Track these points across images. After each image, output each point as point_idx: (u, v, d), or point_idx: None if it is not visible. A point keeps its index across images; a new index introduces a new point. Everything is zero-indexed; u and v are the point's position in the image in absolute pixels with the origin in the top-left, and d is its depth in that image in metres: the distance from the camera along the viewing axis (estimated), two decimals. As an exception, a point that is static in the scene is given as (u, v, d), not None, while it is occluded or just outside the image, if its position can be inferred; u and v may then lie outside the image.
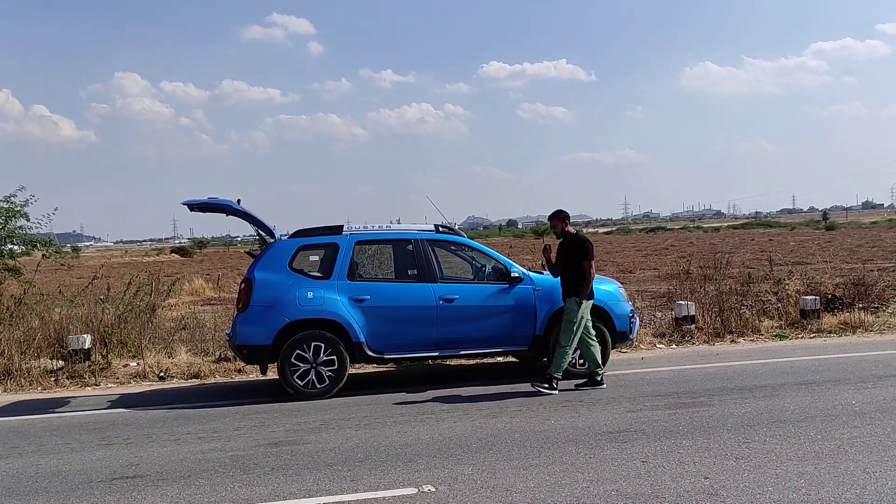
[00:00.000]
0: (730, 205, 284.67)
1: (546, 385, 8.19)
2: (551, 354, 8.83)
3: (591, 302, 8.38)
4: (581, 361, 8.83)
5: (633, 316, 9.39)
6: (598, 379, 8.42)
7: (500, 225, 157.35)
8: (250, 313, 8.44)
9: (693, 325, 11.92)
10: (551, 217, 8.70)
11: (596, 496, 4.74)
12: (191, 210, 9.06)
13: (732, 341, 11.64)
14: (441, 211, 10.71)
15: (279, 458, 5.96)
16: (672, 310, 12.57)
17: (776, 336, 11.89)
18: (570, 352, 8.29)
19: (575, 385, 8.40)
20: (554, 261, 8.76)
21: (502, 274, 9.00)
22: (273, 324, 8.33)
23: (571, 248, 8.40)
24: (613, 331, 9.06)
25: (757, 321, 12.35)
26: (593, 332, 8.45)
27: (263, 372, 8.98)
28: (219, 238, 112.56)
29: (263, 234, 9.18)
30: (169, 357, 10.95)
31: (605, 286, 9.44)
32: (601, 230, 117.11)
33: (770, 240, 48.93)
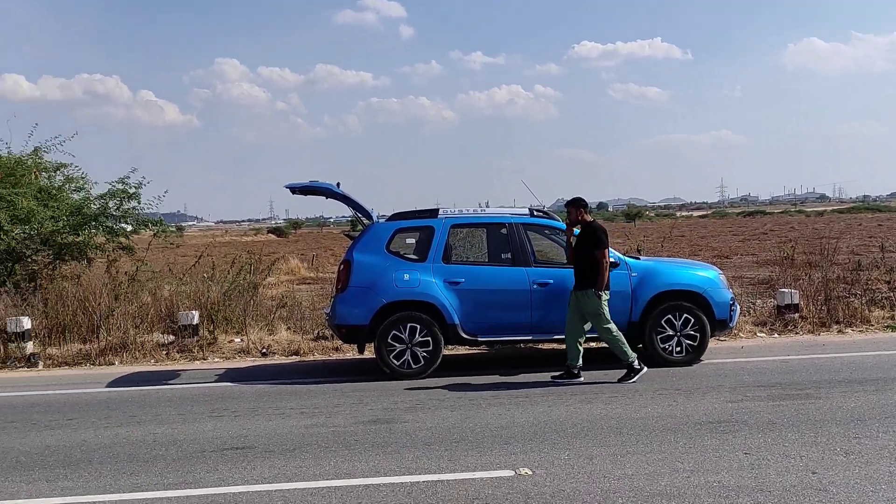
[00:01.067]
0: (835, 188, 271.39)
1: (627, 378, 8.02)
2: (647, 341, 8.74)
3: (608, 291, 8.11)
4: (678, 349, 8.69)
5: (733, 304, 9.13)
6: (575, 372, 8.10)
7: (591, 208, 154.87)
8: (349, 294, 8.67)
9: (797, 314, 11.48)
10: (567, 204, 8.43)
11: (697, 487, 4.68)
12: (293, 193, 9.36)
13: (839, 332, 11.15)
14: (535, 194, 10.69)
15: (378, 435, 6.14)
16: (773, 297, 12.14)
17: (887, 327, 11.32)
18: (619, 336, 8.08)
19: (551, 377, 8.14)
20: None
21: (598, 259, 8.90)
22: (370, 304, 8.54)
23: (584, 237, 8.16)
24: (713, 319, 8.84)
25: (866, 311, 11.77)
26: (587, 325, 8.16)
27: (361, 351, 9.22)
28: (312, 219, 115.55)
29: (361, 216, 9.38)
30: (270, 334, 11.38)
31: (704, 272, 9.22)
32: (695, 213, 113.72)
33: (879, 225, 46.36)
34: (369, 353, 9.16)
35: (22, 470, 5.47)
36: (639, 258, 9.58)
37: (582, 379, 8.10)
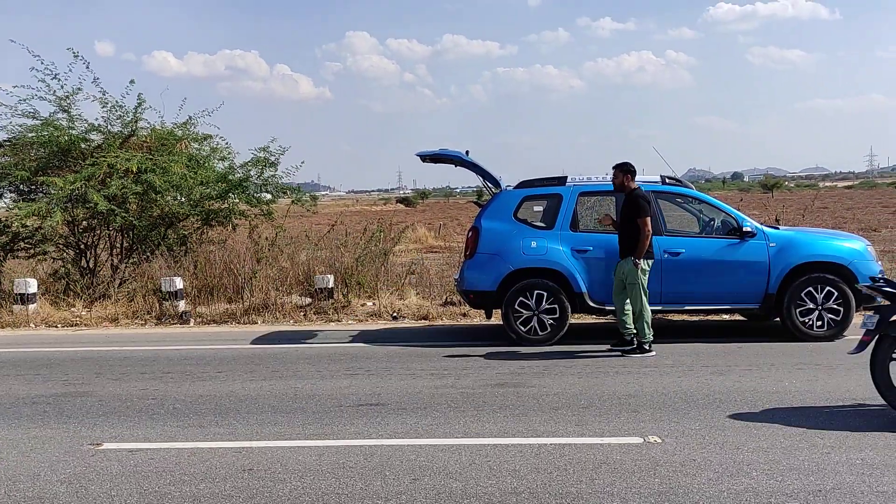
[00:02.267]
0: None
1: (631, 350, 7.85)
2: (785, 314, 8.39)
3: (651, 261, 7.86)
4: (819, 323, 8.31)
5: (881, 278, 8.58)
6: (629, 339, 7.88)
7: (724, 178, 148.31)
8: (477, 260, 8.81)
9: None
10: (615, 167, 8.12)
11: (838, 463, 4.51)
12: (423, 161, 9.58)
13: None
14: (668, 162, 10.39)
15: (506, 398, 6.26)
16: (930, 273, 11.28)
17: None
18: (647, 313, 7.83)
19: (621, 351, 7.93)
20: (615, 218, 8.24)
21: (733, 228, 8.63)
22: (498, 271, 8.64)
23: (627, 205, 7.91)
24: (858, 293, 8.36)
25: None
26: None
27: (488, 317, 9.36)
28: (439, 189, 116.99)
29: (490, 184, 9.47)
30: (400, 299, 11.75)
31: (850, 243, 8.72)
32: (840, 184, 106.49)
33: None
34: (496, 319, 9.29)
35: (178, 416, 5.97)
36: (777, 228, 9.16)
37: (654, 353, 7.82)
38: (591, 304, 8.61)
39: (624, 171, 8.09)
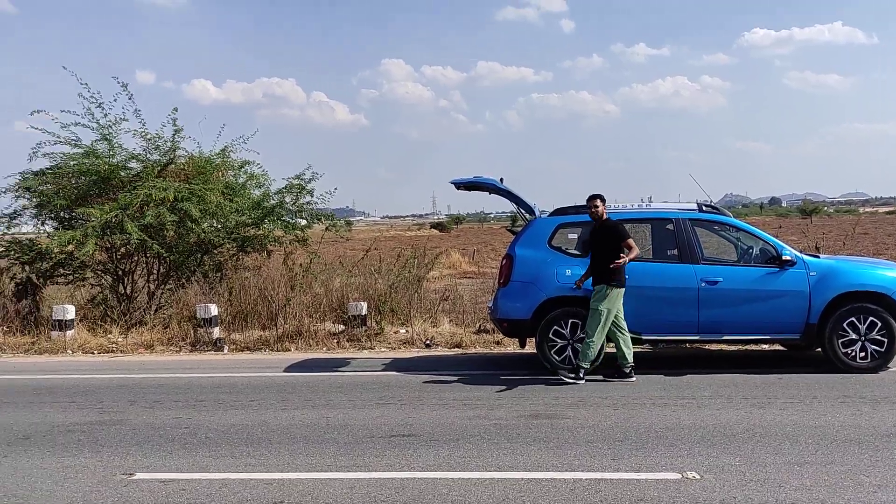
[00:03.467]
0: None
1: (572, 375, 7.97)
2: (827, 345, 8.18)
3: (622, 290, 7.99)
4: (862, 354, 8.09)
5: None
6: (627, 371, 8.08)
7: (762, 203, 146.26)
8: (511, 288, 8.73)
9: None
10: (595, 197, 8.29)
11: (885, 503, 4.33)
12: (457, 188, 9.57)
13: None
14: (704, 189, 10.26)
15: (539, 430, 6.15)
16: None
17: None
18: (598, 342, 7.98)
19: (602, 376, 8.10)
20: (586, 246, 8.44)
21: (772, 257, 8.47)
22: (532, 299, 8.56)
23: (604, 233, 8.10)
24: (903, 322, 8.12)
25: None
26: (623, 322, 8.16)
27: (522, 346, 9.27)
28: (473, 214, 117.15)
29: (524, 211, 9.42)
30: (433, 326, 11.70)
31: (892, 272, 8.49)
32: (882, 210, 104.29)
33: None
34: (530, 348, 9.18)
35: (210, 446, 5.96)
36: (818, 256, 8.97)
37: (634, 379, 8.02)
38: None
39: (603, 200, 8.34)
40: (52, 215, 12.87)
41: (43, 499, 4.79)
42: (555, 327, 8.47)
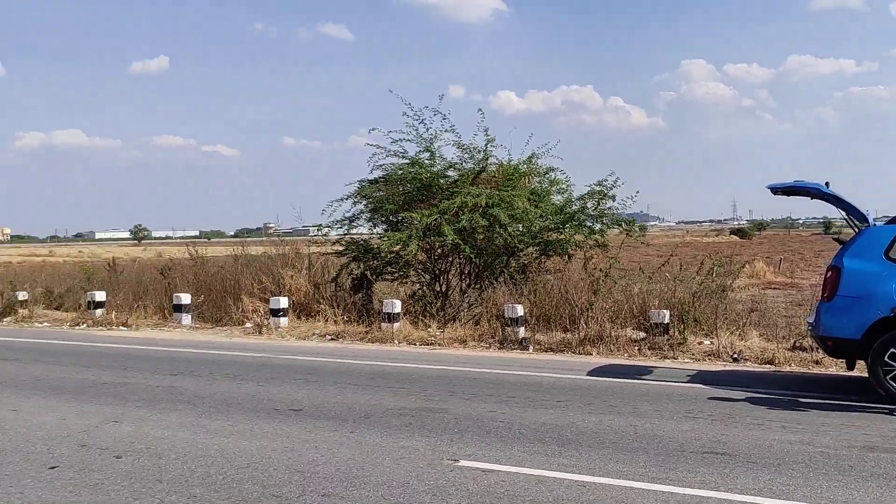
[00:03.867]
0: None
1: None
2: None
3: None
4: None
5: None
6: None
7: None
8: (837, 303, 8.00)
9: None
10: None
11: None
12: (774, 193, 9.00)
13: None
14: None
15: (878, 464, 5.57)
16: None
17: None
18: None
19: None
20: None
21: None
22: (864, 317, 7.76)
23: None
24: None
25: None
26: None
27: (850, 367, 8.45)
28: (778, 220, 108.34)
29: (854, 219, 8.56)
30: (741, 339, 11.10)
31: None
32: None
33: None
34: (860, 370, 8.34)
35: (524, 441, 6.28)
36: None
37: None
38: None
39: None
40: (383, 219, 14.45)
41: (384, 474, 5.42)
42: (892, 350, 7.59)
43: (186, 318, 14.94)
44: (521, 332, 11.91)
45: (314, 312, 14.07)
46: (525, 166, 14.41)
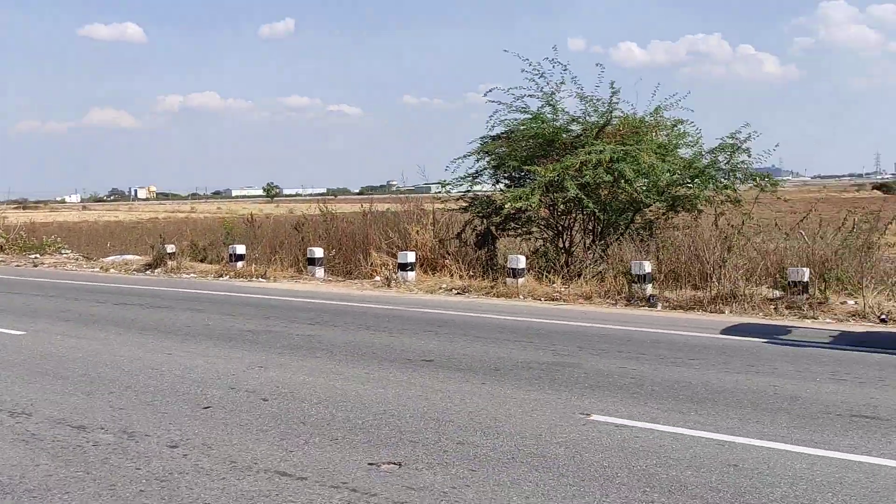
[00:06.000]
0: None
1: None
2: None
3: None
4: None
5: None
6: None
7: None
8: None
9: None
10: None
11: None
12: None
13: None
14: None
15: None
16: None
17: None
18: None
19: None
20: None
21: None
22: None
23: None
24: None
25: None
26: None
27: None
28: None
29: None
30: (889, 299, 10.44)
31: None
32: None
33: None
34: None
35: (657, 398, 6.19)
36: None
37: None
38: None
39: None
40: (506, 175, 14.42)
41: (517, 425, 5.50)
42: None
43: (319, 271, 15.59)
44: (649, 288, 11.67)
45: (440, 267, 14.32)
46: (651, 119, 13.95)
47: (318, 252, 15.76)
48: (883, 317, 9.85)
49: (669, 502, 4.15)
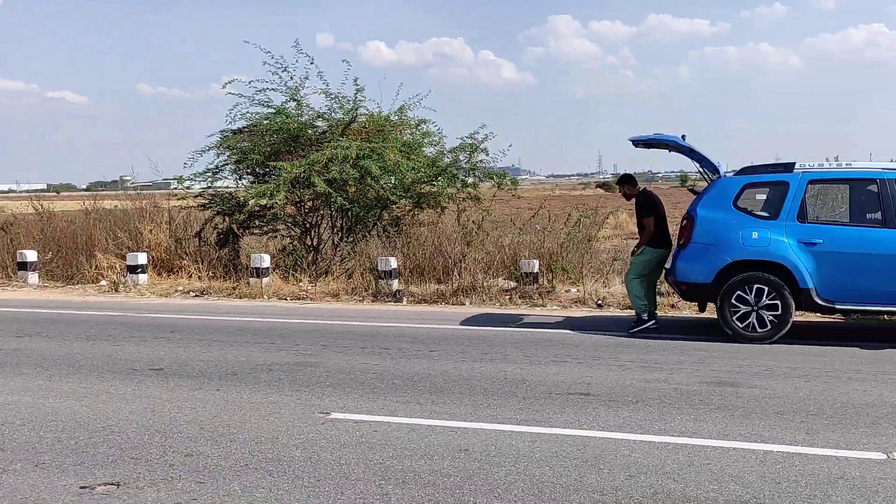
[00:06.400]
0: None
1: (634, 326, 8.82)
2: None
3: (658, 250, 8.97)
4: None
5: None
6: (644, 318, 8.80)
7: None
8: (691, 250, 8.44)
9: None
10: (617, 182, 9.63)
11: None
12: (635, 146, 9.31)
13: None
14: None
15: (723, 397, 5.96)
16: None
17: None
18: (633, 292, 8.97)
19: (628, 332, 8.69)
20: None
21: None
22: (714, 262, 8.23)
23: (638, 206, 9.12)
24: None
25: None
26: (643, 278, 8.94)
27: (702, 310, 8.98)
28: (640, 174, 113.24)
29: (707, 171, 9.02)
30: (605, 287, 11.56)
31: None
32: None
33: None
34: (709, 312, 8.88)
35: (397, 391, 6.28)
36: None
37: (652, 323, 8.79)
38: (819, 301, 7.96)
39: (623, 184, 9.42)
40: (249, 170, 13.89)
41: (252, 430, 5.27)
42: (738, 292, 8.10)
43: (33, 277, 13.89)
44: (395, 284, 11.89)
45: (177, 269, 13.44)
46: (396, 117, 14.22)
47: (31, 255, 14.00)
48: (599, 302, 10.90)
49: (402, 492, 4.19)
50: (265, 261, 12.51)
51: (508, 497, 4.12)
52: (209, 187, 14.06)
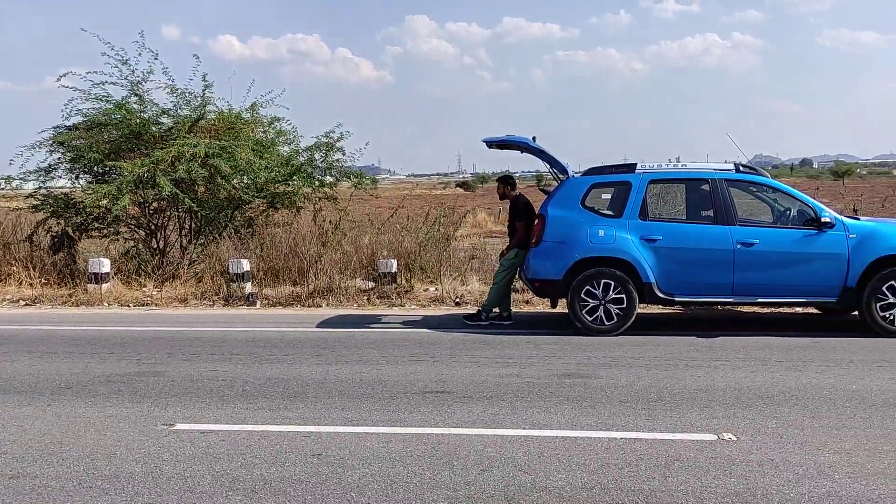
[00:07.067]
0: None
1: (471, 318, 9.33)
2: (865, 309, 8.08)
3: (522, 252, 9.17)
4: None
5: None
6: (483, 317, 9.26)
7: (793, 164, 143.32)
8: (542, 248, 8.69)
9: None
10: (497, 180, 9.84)
11: (927, 468, 4.29)
12: (488, 147, 9.49)
13: None
14: (742, 150, 10.04)
15: (572, 388, 6.17)
16: None
17: None
18: (500, 289, 9.35)
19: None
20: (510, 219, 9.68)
21: (810, 218, 8.34)
22: (564, 259, 8.52)
23: (511, 209, 9.54)
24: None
25: None
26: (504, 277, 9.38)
27: (554, 305, 9.26)
28: (499, 173, 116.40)
29: (556, 171, 9.32)
30: (463, 285, 11.71)
31: None
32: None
33: None
34: (561, 308, 9.17)
35: (248, 398, 6.05)
36: (858, 219, 8.81)
37: (485, 323, 9.22)
38: (660, 294, 8.42)
39: (504, 183, 9.65)
40: (86, 169, 12.97)
41: (88, 447, 4.90)
42: (587, 287, 8.43)
43: None
44: (248, 287, 11.49)
45: (4, 276, 12.34)
46: (248, 115, 13.76)
47: None
48: (457, 300, 11.02)
49: (251, 502, 4.02)
50: (105, 265, 11.72)
51: (361, 500, 4.05)
52: (41, 187, 13.02)
